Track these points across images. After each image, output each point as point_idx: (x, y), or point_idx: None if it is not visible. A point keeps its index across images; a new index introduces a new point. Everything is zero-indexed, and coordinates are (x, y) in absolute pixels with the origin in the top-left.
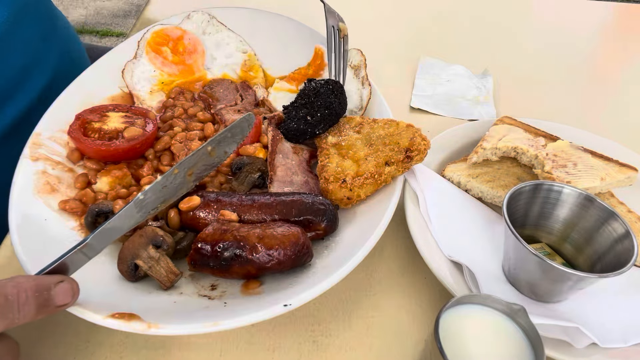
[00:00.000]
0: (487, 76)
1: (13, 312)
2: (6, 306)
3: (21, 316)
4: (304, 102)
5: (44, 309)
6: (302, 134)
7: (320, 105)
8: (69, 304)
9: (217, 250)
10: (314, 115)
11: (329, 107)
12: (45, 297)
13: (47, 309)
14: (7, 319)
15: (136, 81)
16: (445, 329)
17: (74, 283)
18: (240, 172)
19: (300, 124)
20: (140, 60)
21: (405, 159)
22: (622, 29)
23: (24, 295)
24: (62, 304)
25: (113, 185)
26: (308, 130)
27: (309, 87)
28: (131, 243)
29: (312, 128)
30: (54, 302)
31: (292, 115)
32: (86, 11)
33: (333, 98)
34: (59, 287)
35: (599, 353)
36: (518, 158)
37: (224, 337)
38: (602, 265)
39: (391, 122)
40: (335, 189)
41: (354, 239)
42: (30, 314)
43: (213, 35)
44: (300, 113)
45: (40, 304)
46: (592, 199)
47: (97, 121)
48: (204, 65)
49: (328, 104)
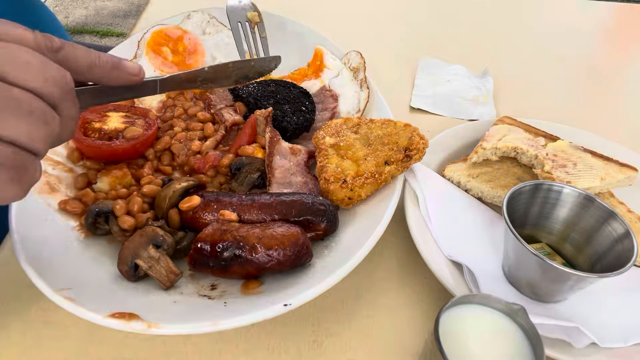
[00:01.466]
0: (487, 76)
1: (95, 55)
2: (90, 50)
3: (101, 61)
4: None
5: (118, 67)
6: (307, 125)
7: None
8: (137, 76)
9: (217, 250)
10: (303, 106)
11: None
12: (118, 60)
13: (120, 68)
14: (90, 58)
15: None
16: (445, 329)
17: (141, 66)
18: (239, 172)
19: (300, 116)
20: (140, 60)
21: (404, 158)
22: (622, 29)
23: (103, 54)
24: (133, 72)
25: (113, 185)
26: (312, 118)
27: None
28: (131, 243)
29: (312, 115)
30: (125, 68)
31: (286, 111)
32: (86, 11)
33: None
34: (130, 61)
35: (599, 353)
36: (518, 158)
37: (223, 336)
38: (602, 265)
39: (389, 121)
40: (336, 190)
41: (354, 239)
42: (108, 64)
43: (213, 36)
44: (287, 107)
45: (115, 62)
46: (592, 199)
47: (97, 121)
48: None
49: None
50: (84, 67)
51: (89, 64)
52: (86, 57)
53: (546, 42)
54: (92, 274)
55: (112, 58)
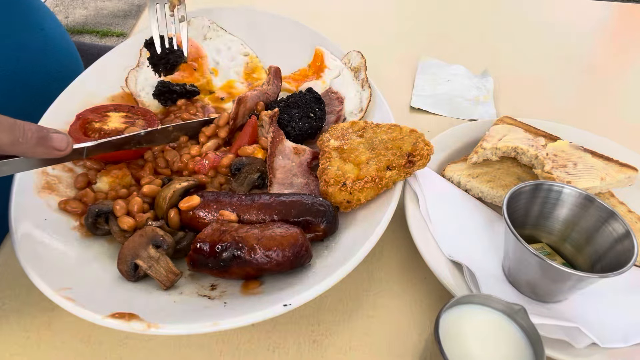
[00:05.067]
0: (487, 76)
1: (19, 131)
2: (15, 125)
3: (25, 138)
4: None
5: (43, 142)
6: (312, 132)
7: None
8: (63, 150)
9: (216, 250)
10: (314, 111)
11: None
12: (45, 134)
13: (45, 144)
14: (13, 134)
15: (140, 88)
16: (445, 329)
17: (70, 138)
18: (239, 172)
19: (306, 122)
20: (144, 67)
21: (407, 163)
22: (622, 29)
23: (28, 126)
24: (59, 147)
25: (113, 185)
26: (319, 125)
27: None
28: (131, 243)
29: (319, 122)
30: (51, 142)
31: (294, 115)
32: (86, 11)
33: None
34: (56, 134)
35: (599, 353)
36: (518, 158)
37: (224, 337)
38: (602, 265)
39: (394, 126)
40: (335, 192)
41: (353, 239)
42: (33, 140)
43: (214, 40)
44: (295, 112)
45: (41, 136)
46: (592, 199)
47: (97, 121)
48: (208, 70)
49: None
50: (7, 144)
51: (12, 140)
52: (9, 134)
53: (546, 42)
54: (92, 274)
55: (38, 132)
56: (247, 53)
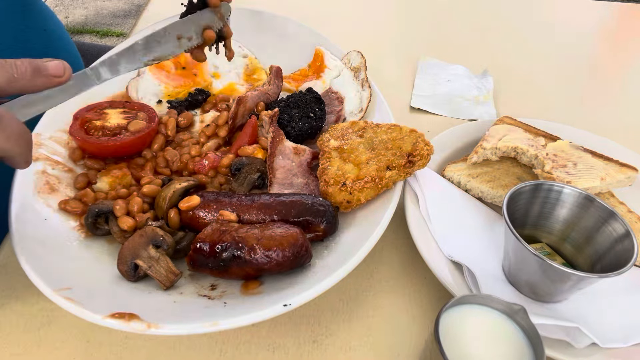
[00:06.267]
0: (487, 76)
1: (11, 67)
2: (5, 63)
3: (20, 72)
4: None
5: (40, 72)
6: (312, 132)
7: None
8: (62, 77)
9: (216, 251)
10: (313, 111)
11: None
12: (39, 63)
13: (43, 73)
14: (6, 72)
15: (142, 96)
16: (445, 329)
17: (65, 63)
18: (239, 173)
19: (306, 122)
20: (144, 76)
21: (407, 163)
22: (623, 29)
23: (19, 61)
24: (57, 74)
25: (113, 185)
26: (319, 125)
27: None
28: (131, 243)
29: (319, 122)
30: (47, 70)
31: (294, 115)
32: (86, 11)
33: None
34: (50, 61)
35: (599, 353)
36: (518, 158)
37: (224, 337)
38: (602, 265)
39: (394, 126)
40: (334, 192)
41: (353, 239)
42: (28, 73)
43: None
44: (295, 112)
45: (35, 67)
46: (592, 199)
47: (97, 119)
48: (209, 74)
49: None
50: (3, 83)
51: (7, 79)
52: (2, 72)
53: (546, 42)
54: (92, 274)
55: (31, 64)
56: (245, 55)
